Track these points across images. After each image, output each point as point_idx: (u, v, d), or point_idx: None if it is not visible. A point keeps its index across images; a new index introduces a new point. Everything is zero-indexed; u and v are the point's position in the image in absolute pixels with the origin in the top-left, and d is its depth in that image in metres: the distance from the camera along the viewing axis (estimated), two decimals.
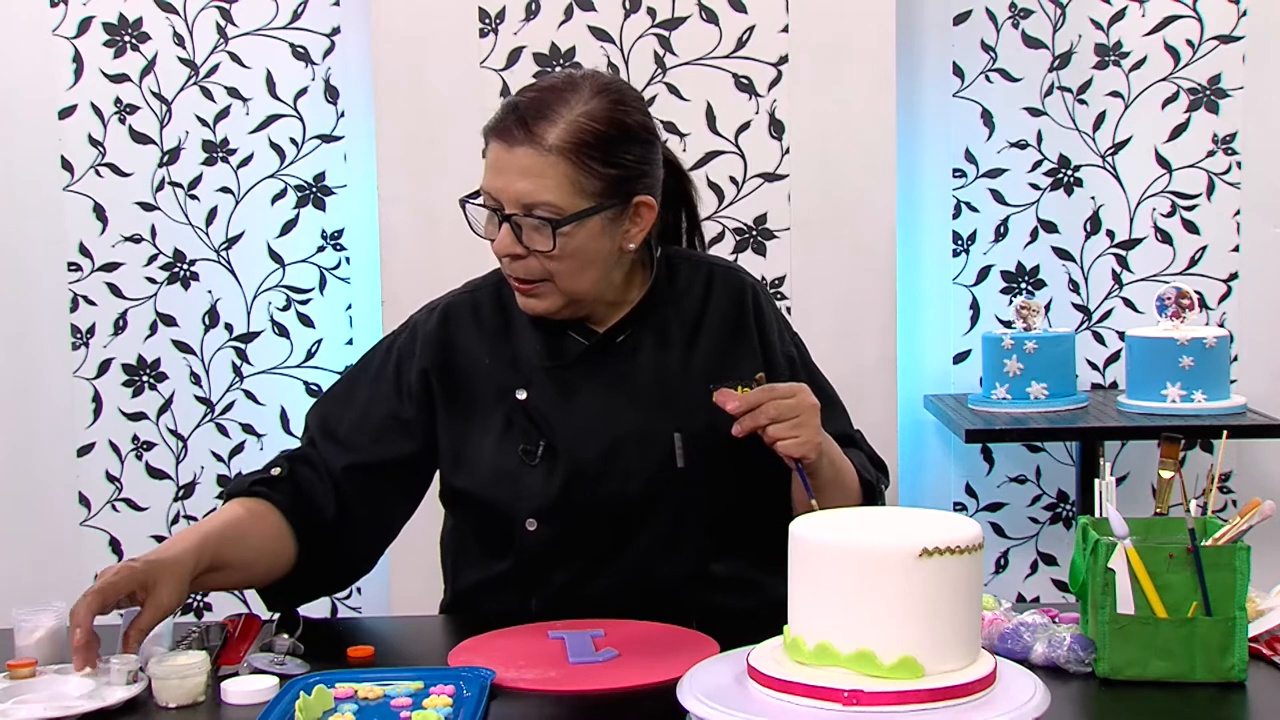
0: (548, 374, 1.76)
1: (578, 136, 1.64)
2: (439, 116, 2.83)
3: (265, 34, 3.07)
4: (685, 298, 1.82)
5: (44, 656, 1.55)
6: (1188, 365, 2.77)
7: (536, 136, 1.63)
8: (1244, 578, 1.42)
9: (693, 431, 1.74)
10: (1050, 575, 3.18)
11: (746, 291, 1.84)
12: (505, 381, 1.76)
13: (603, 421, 1.74)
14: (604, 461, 1.73)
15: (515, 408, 1.75)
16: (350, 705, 1.39)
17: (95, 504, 3.15)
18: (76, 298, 3.11)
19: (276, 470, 1.76)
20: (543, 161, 1.63)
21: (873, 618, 1.24)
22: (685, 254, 1.90)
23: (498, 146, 1.66)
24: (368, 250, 3.06)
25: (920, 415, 3.13)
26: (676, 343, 1.79)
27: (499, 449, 1.75)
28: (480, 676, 1.44)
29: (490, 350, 1.79)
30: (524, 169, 1.63)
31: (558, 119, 1.64)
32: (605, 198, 1.66)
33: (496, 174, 1.66)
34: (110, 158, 3.08)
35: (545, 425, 1.74)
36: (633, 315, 1.78)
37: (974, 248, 3.14)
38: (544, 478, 1.72)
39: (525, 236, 1.65)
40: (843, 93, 2.83)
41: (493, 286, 1.83)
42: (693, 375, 1.77)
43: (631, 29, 2.83)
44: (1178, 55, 3.06)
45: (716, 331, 1.81)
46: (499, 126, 1.67)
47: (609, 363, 1.77)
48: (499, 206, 1.66)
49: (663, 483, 1.73)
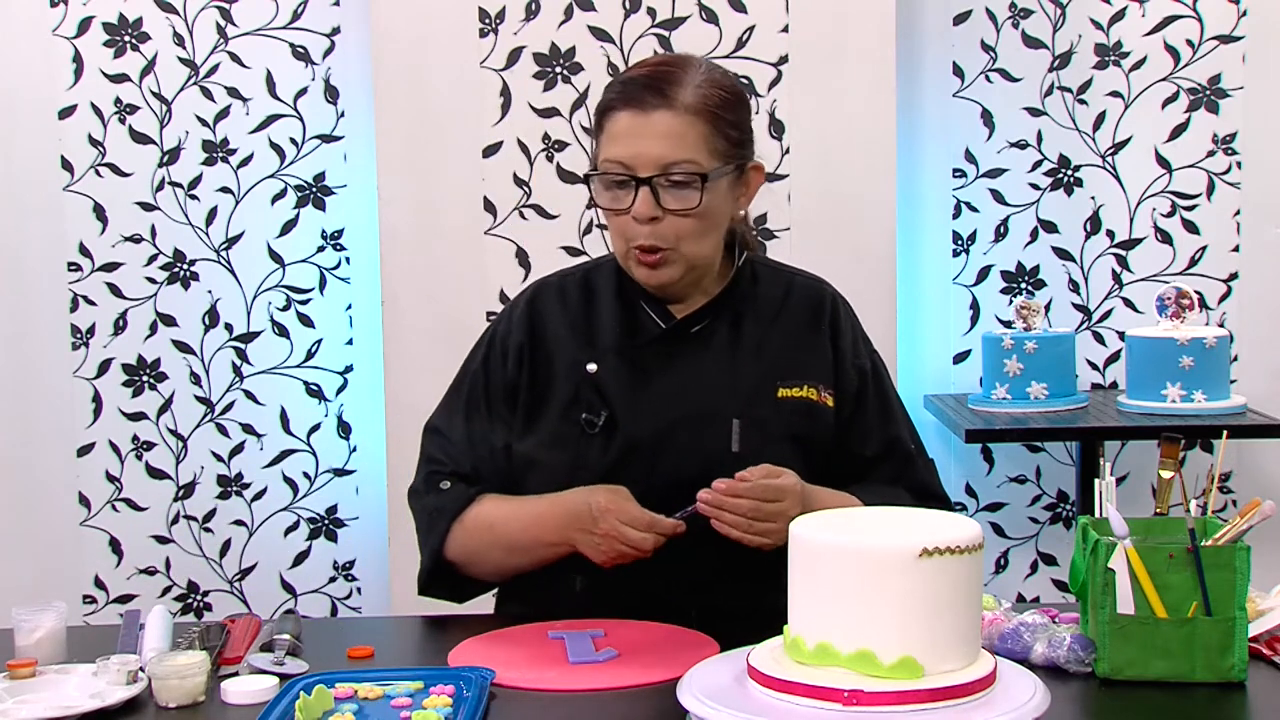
0: (620, 352, 1.80)
1: (710, 98, 1.71)
2: (439, 116, 2.83)
3: (265, 34, 3.07)
4: (764, 299, 1.86)
5: (44, 656, 1.55)
6: (1188, 365, 2.77)
7: (672, 99, 1.69)
8: (1244, 578, 1.43)
9: (753, 420, 1.77)
10: (1050, 575, 3.18)
11: (826, 299, 1.89)
12: (580, 355, 1.81)
13: (665, 402, 1.77)
14: (661, 439, 1.76)
15: (585, 380, 1.79)
16: (350, 705, 1.39)
17: (95, 504, 3.15)
18: (76, 298, 3.11)
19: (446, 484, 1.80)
20: (682, 122, 1.69)
21: (873, 618, 1.24)
22: (770, 261, 1.95)
23: (628, 114, 1.70)
24: (368, 250, 3.06)
25: (920, 415, 3.12)
26: (749, 338, 1.82)
27: (564, 416, 1.79)
28: (480, 676, 1.44)
29: (570, 325, 1.83)
30: (662, 132, 1.68)
31: (688, 83, 1.71)
32: (730, 159, 1.74)
33: (629, 141, 1.70)
34: (110, 158, 3.08)
35: (610, 399, 1.77)
36: (711, 306, 1.82)
37: (974, 248, 3.14)
38: (601, 448, 1.76)
39: (663, 199, 1.69)
40: (843, 93, 2.83)
41: (583, 273, 1.89)
42: (760, 369, 1.80)
43: (631, 29, 2.83)
44: (1178, 55, 3.06)
45: (790, 332, 1.84)
46: (627, 96, 1.71)
47: (681, 349, 1.80)
48: (632, 173, 1.69)
49: (717, 465, 1.73)
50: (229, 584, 3.18)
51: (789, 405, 1.79)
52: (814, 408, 1.80)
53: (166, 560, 3.16)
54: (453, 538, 1.78)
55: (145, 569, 3.16)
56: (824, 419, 1.81)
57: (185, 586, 3.17)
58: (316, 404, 3.16)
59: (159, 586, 3.16)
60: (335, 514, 3.18)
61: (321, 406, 3.16)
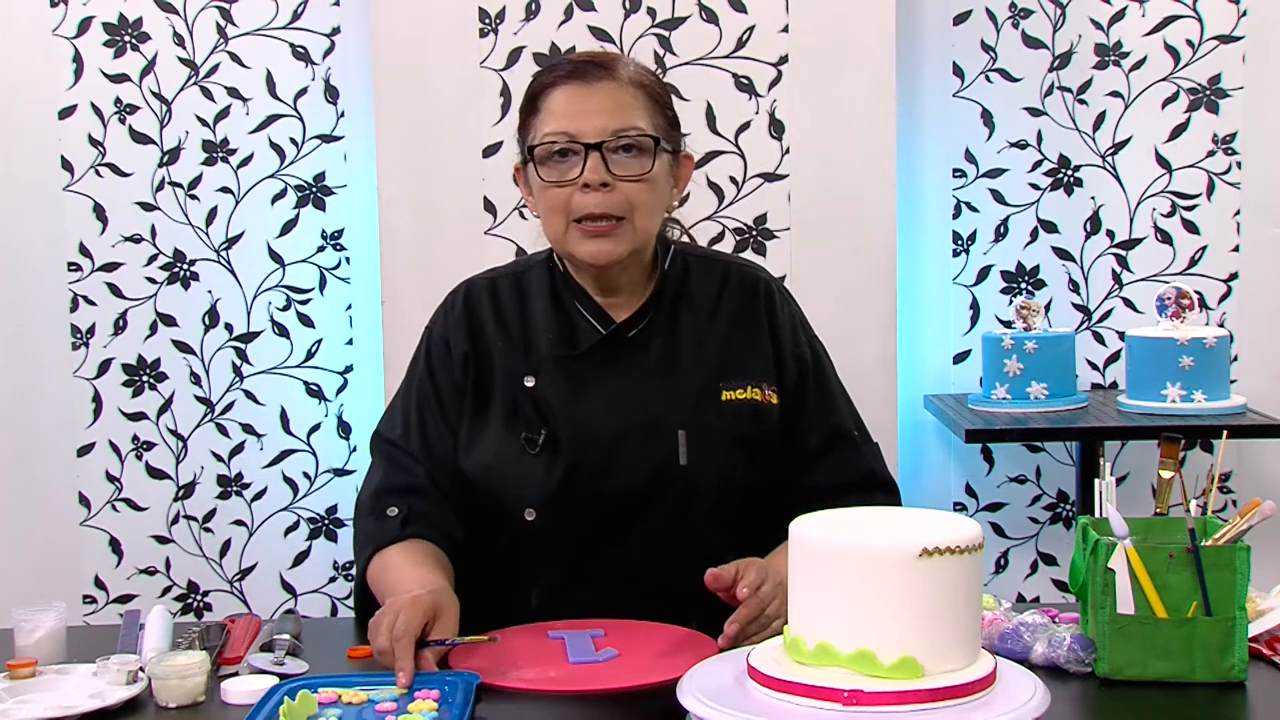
0: (558, 363, 1.76)
1: (648, 79, 1.76)
2: (439, 116, 2.83)
3: (265, 34, 3.07)
4: (699, 293, 1.82)
5: (44, 656, 1.55)
6: (1188, 365, 2.77)
7: (615, 73, 1.72)
8: (1244, 578, 1.43)
9: (699, 429, 1.74)
10: (1050, 575, 3.18)
11: (760, 287, 1.84)
12: (516, 367, 1.77)
13: (607, 414, 1.74)
14: (606, 455, 1.72)
15: (523, 395, 1.75)
16: (334, 710, 1.38)
17: (95, 504, 3.15)
18: (76, 298, 3.11)
19: (393, 511, 1.75)
20: (627, 92, 1.71)
21: (873, 618, 1.24)
22: (701, 250, 1.92)
23: (573, 87, 1.71)
24: (368, 250, 3.06)
25: (920, 415, 3.13)
26: (688, 338, 1.79)
27: (504, 435, 1.75)
28: (465, 680, 1.43)
29: (504, 335, 1.79)
30: (608, 101, 1.70)
31: (626, 64, 1.76)
32: (670, 140, 1.75)
33: (574, 114, 1.70)
34: (110, 158, 3.08)
35: (550, 414, 1.74)
36: (645, 307, 1.79)
37: (974, 248, 3.14)
38: (545, 468, 1.72)
39: (613, 165, 1.69)
40: (843, 93, 2.83)
41: (513, 275, 1.85)
42: (703, 370, 1.77)
43: (631, 29, 2.83)
44: (1178, 55, 3.06)
45: (728, 327, 1.81)
46: (570, 72, 1.72)
47: (620, 355, 1.77)
48: (579, 140, 1.69)
49: (664, 479, 1.72)
50: (229, 584, 3.18)
51: (733, 408, 1.76)
52: (759, 408, 1.77)
53: (166, 560, 3.16)
54: (370, 569, 1.73)
55: (145, 569, 3.16)
56: (770, 418, 1.78)
57: (185, 586, 3.17)
58: (316, 404, 3.16)
59: (159, 586, 3.16)
60: (335, 514, 3.18)
61: (321, 406, 3.16)
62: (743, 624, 1.54)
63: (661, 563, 1.73)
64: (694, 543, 1.74)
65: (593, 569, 1.73)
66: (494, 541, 1.77)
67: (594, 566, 1.73)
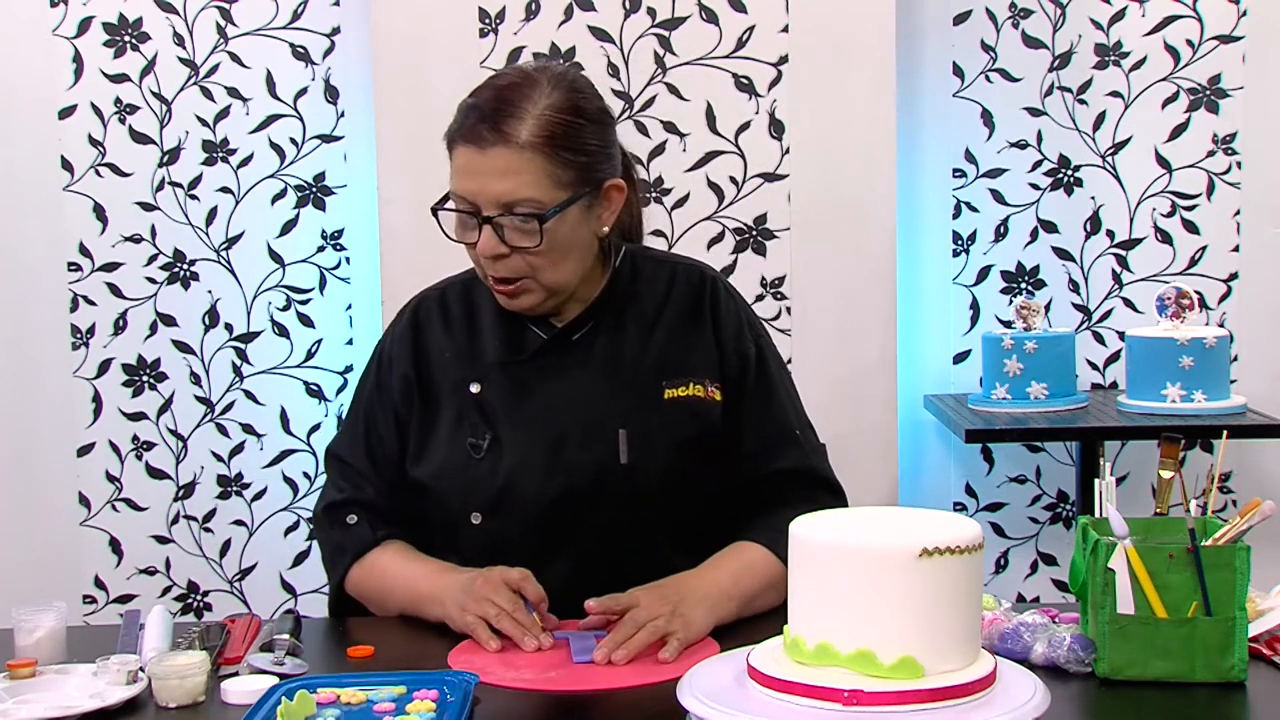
0: (504, 369, 1.77)
1: (548, 129, 1.64)
2: (439, 116, 2.78)
3: (265, 34, 3.07)
4: (646, 294, 1.82)
5: (44, 656, 1.55)
6: (1188, 365, 2.77)
7: (508, 135, 1.63)
8: (1244, 578, 1.42)
9: (640, 428, 1.74)
10: (1050, 575, 3.18)
11: (705, 283, 1.83)
12: (463, 375, 1.78)
13: (550, 416, 1.75)
14: (548, 455, 1.73)
15: (468, 401, 1.77)
16: (333, 710, 1.38)
17: (95, 504, 3.15)
18: (76, 298, 3.11)
19: (352, 518, 1.80)
20: (519, 159, 1.63)
21: (873, 618, 1.24)
22: (652, 252, 1.90)
23: (468, 150, 1.66)
24: (368, 250, 3.06)
25: (920, 415, 3.13)
26: (633, 338, 1.79)
27: (450, 442, 1.76)
28: (464, 681, 1.43)
29: (453, 345, 1.81)
30: (500, 169, 1.63)
31: (525, 115, 1.64)
32: (579, 186, 1.67)
33: (470, 177, 1.66)
34: (110, 158, 3.08)
35: (495, 419, 1.75)
36: (591, 310, 1.79)
37: (974, 248, 3.14)
38: (489, 471, 1.73)
39: (507, 236, 1.66)
40: (843, 93, 2.83)
41: (462, 284, 1.86)
42: (646, 369, 1.77)
43: (631, 29, 2.83)
44: (1178, 55, 3.06)
45: (673, 324, 1.80)
46: (465, 131, 1.67)
47: (564, 359, 1.78)
48: (476, 209, 1.66)
49: (606, 477, 1.72)
50: (229, 584, 3.18)
51: (676, 406, 1.76)
52: (702, 405, 1.76)
53: (166, 560, 3.16)
54: (352, 577, 1.79)
55: (145, 569, 3.16)
56: (712, 416, 1.77)
57: (185, 586, 3.17)
58: (316, 404, 3.16)
59: (159, 586, 3.16)
60: None
61: (321, 406, 3.16)
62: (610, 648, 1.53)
63: (609, 565, 1.71)
64: (641, 542, 1.74)
65: (543, 571, 1.70)
66: (447, 550, 1.78)
67: (544, 569, 1.70)
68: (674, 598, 1.60)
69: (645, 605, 1.58)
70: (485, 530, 1.74)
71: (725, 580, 1.68)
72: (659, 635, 1.55)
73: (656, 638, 1.54)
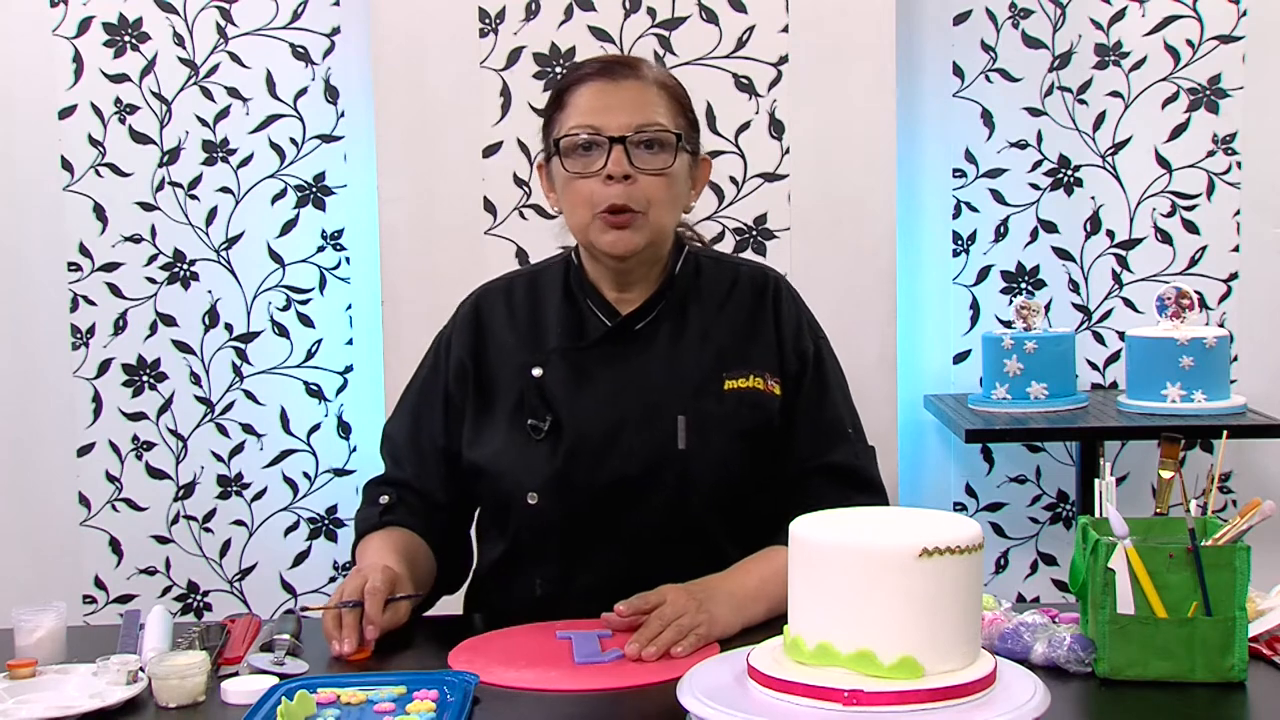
0: (565, 355, 1.81)
1: (670, 80, 1.81)
2: (439, 116, 2.83)
3: (265, 34, 3.07)
4: (708, 290, 1.86)
5: (44, 656, 1.55)
6: (1188, 365, 2.76)
7: (640, 72, 1.78)
8: (1244, 578, 1.43)
9: (699, 416, 1.77)
10: (1050, 575, 3.18)
11: (769, 284, 1.88)
12: (525, 359, 1.82)
13: (610, 402, 1.78)
14: (606, 440, 1.76)
15: (530, 384, 1.80)
16: (333, 710, 1.38)
17: (95, 504, 3.15)
18: (76, 298, 3.11)
19: (385, 498, 1.86)
20: (651, 91, 1.76)
21: (873, 618, 1.24)
22: (716, 254, 1.96)
23: (598, 83, 1.76)
24: (368, 250, 3.06)
25: (920, 415, 3.13)
26: (694, 329, 1.83)
27: (510, 424, 1.80)
28: (464, 681, 1.43)
29: (516, 330, 1.85)
30: (633, 98, 1.74)
31: (653, 65, 1.82)
32: (689, 141, 1.80)
33: (600, 109, 1.74)
34: (110, 158, 3.08)
35: (555, 403, 1.78)
36: (654, 300, 1.82)
37: (974, 248, 3.14)
38: (548, 454, 1.76)
39: (635, 158, 1.72)
40: (843, 93, 2.83)
41: (529, 276, 1.92)
42: (706, 359, 1.81)
43: (631, 29, 2.83)
44: (1178, 55, 3.06)
45: (735, 319, 1.85)
46: (593, 69, 1.78)
47: (626, 348, 1.81)
48: (604, 133, 1.73)
49: (662, 464, 1.75)
50: (229, 584, 3.18)
51: (736, 397, 1.79)
52: (761, 397, 1.80)
53: (166, 560, 3.16)
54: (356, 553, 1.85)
55: (145, 569, 3.16)
56: (771, 408, 1.80)
57: (185, 586, 3.17)
58: (316, 404, 3.16)
59: (159, 586, 3.16)
60: (335, 514, 3.18)
61: (321, 406, 3.16)
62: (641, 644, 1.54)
63: (661, 550, 1.75)
64: (693, 530, 1.77)
65: (594, 555, 1.77)
66: (502, 531, 1.83)
67: (595, 553, 1.77)
68: (701, 595, 1.62)
69: (672, 602, 1.60)
70: (540, 511, 1.77)
71: (752, 583, 1.70)
72: (685, 633, 1.56)
73: (683, 635, 1.56)
